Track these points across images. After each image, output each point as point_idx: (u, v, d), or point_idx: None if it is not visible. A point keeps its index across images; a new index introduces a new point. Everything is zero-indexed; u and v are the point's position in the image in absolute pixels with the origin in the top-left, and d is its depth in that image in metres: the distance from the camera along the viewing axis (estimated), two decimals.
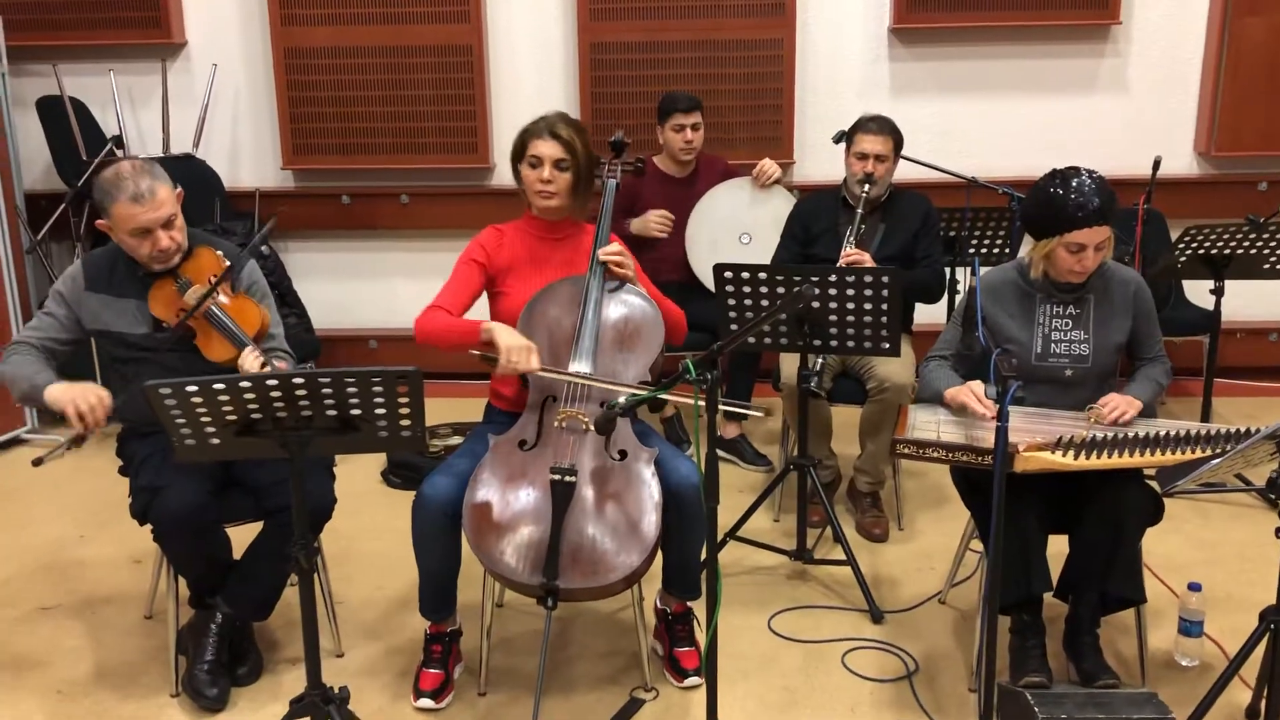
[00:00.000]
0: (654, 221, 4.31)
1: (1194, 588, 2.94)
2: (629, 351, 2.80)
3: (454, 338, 2.76)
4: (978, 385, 2.72)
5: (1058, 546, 2.74)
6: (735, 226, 4.36)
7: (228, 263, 2.84)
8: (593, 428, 2.68)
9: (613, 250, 2.85)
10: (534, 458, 2.69)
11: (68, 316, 2.83)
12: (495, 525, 2.61)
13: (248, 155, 5.36)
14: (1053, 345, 2.82)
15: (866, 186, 3.72)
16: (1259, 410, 4.81)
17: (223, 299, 2.81)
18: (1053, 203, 2.66)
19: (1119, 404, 2.73)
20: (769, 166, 4.34)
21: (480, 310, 2.97)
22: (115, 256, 2.86)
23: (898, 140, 3.82)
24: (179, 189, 2.80)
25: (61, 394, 2.65)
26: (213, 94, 5.17)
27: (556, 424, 2.72)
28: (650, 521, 2.59)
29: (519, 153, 2.90)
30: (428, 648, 2.87)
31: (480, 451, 2.75)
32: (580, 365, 2.74)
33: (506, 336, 2.68)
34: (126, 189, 2.67)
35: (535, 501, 2.62)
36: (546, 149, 2.85)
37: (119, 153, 4.87)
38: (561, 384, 2.76)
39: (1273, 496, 2.30)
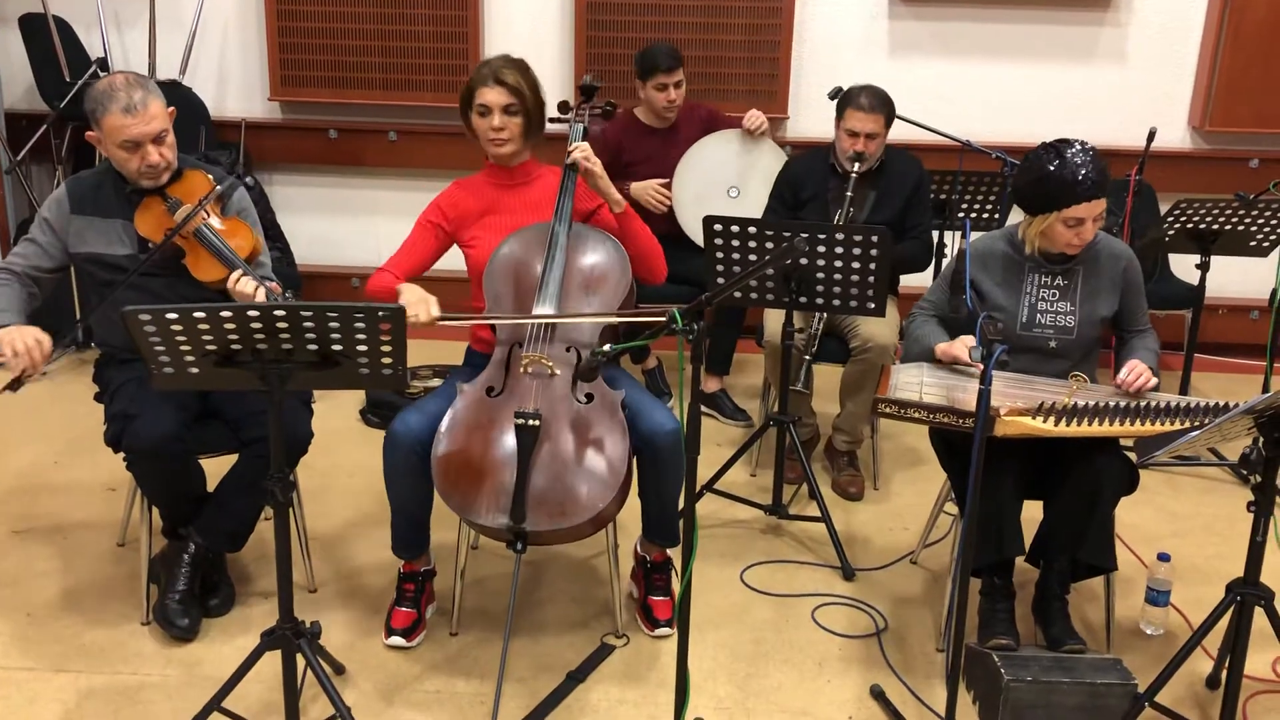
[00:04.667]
0: (652, 194, 4.26)
1: (1163, 558, 2.97)
2: (593, 295, 2.80)
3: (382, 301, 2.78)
4: (970, 339, 2.72)
5: (1032, 512, 2.76)
6: (723, 180, 4.33)
7: (219, 186, 2.82)
8: (558, 372, 2.69)
9: (580, 146, 2.82)
10: (501, 404, 2.68)
11: (52, 243, 2.79)
12: (463, 472, 2.61)
13: (235, 84, 5.26)
14: (1038, 316, 2.82)
15: (856, 164, 3.65)
16: (1237, 387, 4.84)
17: (215, 221, 2.78)
18: (1050, 179, 2.63)
19: (1143, 370, 2.69)
20: (756, 119, 4.28)
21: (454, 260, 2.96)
22: (101, 177, 2.83)
23: (889, 116, 3.71)
24: (172, 108, 2.76)
25: (2, 335, 2.62)
26: (201, 20, 5.07)
27: (522, 369, 2.71)
28: (617, 464, 2.60)
29: (467, 102, 2.88)
30: (400, 586, 2.88)
31: (454, 396, 2.75)
32: (544, 309, 2.74)
33: (407, 294, 2.74)
34: (119, 100, 2.65)
35: (502, 447, 2.62)
36: (493, 96, 2.83)
37: (103, 75, 4.77)
38: (523, 329, 2.75)
39: (1245, 472, 2.31)
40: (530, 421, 2.59)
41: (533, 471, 2.58)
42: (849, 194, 3.64)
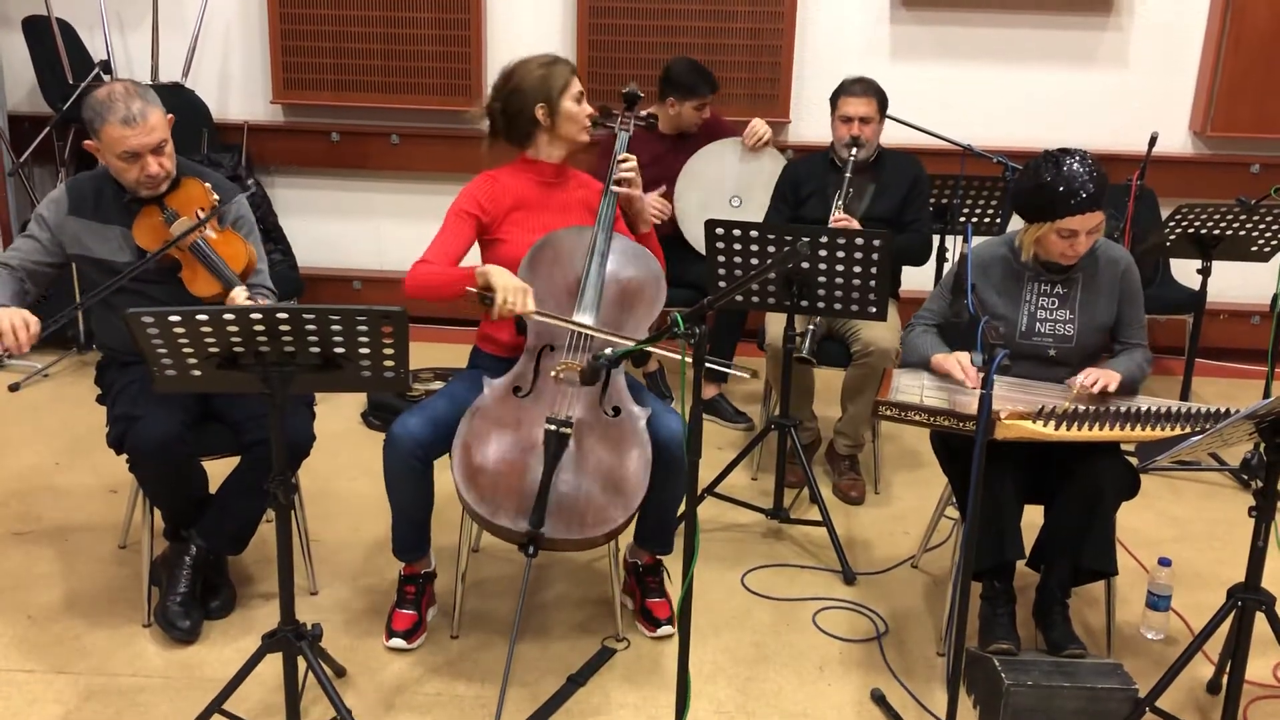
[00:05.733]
0: (653, 206, 4.25)
1: (1163, 563, 2.97)
2: (631, 310, 2.78)
3: (448, 285, 2.70)
4: (964, 356, 2.73)
5: (1033, 516, 2.76)
6: (725, 189, 4.33)
7: (216, 196, 2.81)
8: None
9: (633, 165, 2.86)
10: (528, 406, 2.67)
11: (50, 240, 2.79)
12: (484, 468, 2.60)
13: (237, 87, 5.28)
14: (1038, 324, 2.82)
15: (853, 150, 3.70)
16: (1237, 392, 4.85)
17: (210, 233, 2.78)
18: (1045, 189, 2.64)
19: (1097, 374, 2.73)
20: (759, 128, 4.29)
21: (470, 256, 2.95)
22: (101, 181, 2.82)
23: (882, 101, 3.79)
24: (170, 115, 2.75)
25: None
26: (204, 23, 5.08)
27: (553, 374, 2.70)
28: (639, 480, 2.60)
29: (556, 92, 2.80)
30: (401, 588, 2.88)
31: (460, 395, 2.74)
32: (583, 318, 2.72)
33: (503, 278, 2.63)
34: (118, 111, 2.63)
35: (527, 449, 2.61)
36: (580, 84, 2.86)
37: (106, 78, 4.79)
38: (561, 334, 2.74)
39: (1245, 477, 2.32)
40: (561, 429, 2.57)
41: (557, 479, 2.57)
42: (847, 175, 3.69)
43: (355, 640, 2.85)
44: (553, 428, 2.57)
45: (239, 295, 2.67)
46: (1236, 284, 5.03)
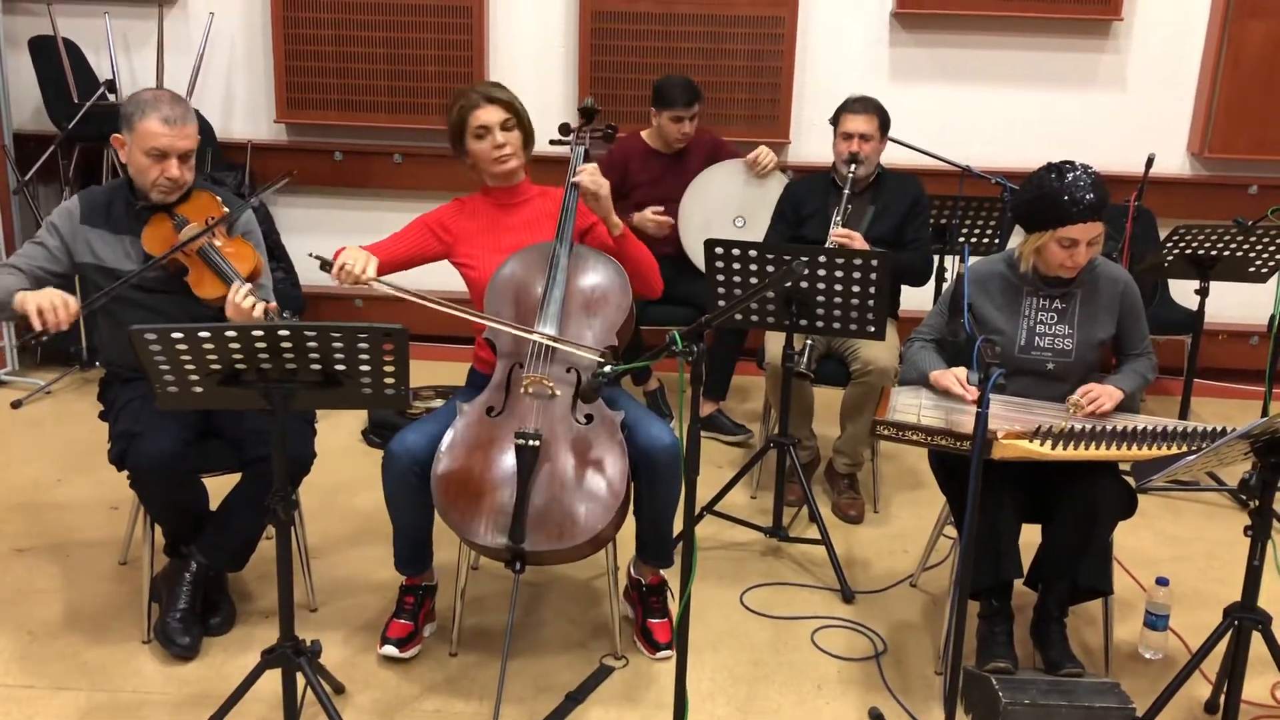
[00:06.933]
0: (650, 220, 4.30)
1: (1161, 582, 2.98)
2: (594, 316, 2.81)
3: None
4: (961, 371, 2.75)
5: (1030, 535, 2.77)
6: (729, 209, 4.36)
7: (226, 209, 2.86)
8: (558, 393, 2.70)
9: (587, 169, 2.82)
10: (501, 424, 2.70)
11: (59, 248, 2.82)
12: (463, 492, 2.62)
13: (241, 107, 5.31)
14: (1037, 338, 2.84)
15: (853, 166, 3.73)
16: (1236, 412, 4.85)
17: (218, 240, 2.82)
18: (1047, 196, 2.66)
19: (1098, 393, 2.75)
20: (765, 156, 4.32)
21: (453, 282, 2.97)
22: (113, 193, 2.88)
23: (883, 120, 3.81)
24: (199, 136, 2.83)
25: (28, 295, 2.63)
26: (208, 43, 5.12)
27: (523, 390, 2.73)
28: (616, 484, 2.61)
29: (460, 132, 2.88)
30: (401, 598, 2.89)
31: (455, 414, 2.76)
32: (546, 329, 2.75)
33: (348, 250, 2.77)
34: (161, 109, 2.73)
35: (502, 467, 2.63)
36: (490, 115, 2.86)
37: (111, 97, 4.82)
38: (525, 350, 2.76)
39: (1244, 497, 2.33)
40: (531, 442, 2.60)
41: (532, 492, 2.59)
42: (846, 191, 3.71)
43: (354, 657, 2.85)
44: (522, 441, 2.60)
45: (241, 291, 2.67)
46: (1234, 304, 5.04)
